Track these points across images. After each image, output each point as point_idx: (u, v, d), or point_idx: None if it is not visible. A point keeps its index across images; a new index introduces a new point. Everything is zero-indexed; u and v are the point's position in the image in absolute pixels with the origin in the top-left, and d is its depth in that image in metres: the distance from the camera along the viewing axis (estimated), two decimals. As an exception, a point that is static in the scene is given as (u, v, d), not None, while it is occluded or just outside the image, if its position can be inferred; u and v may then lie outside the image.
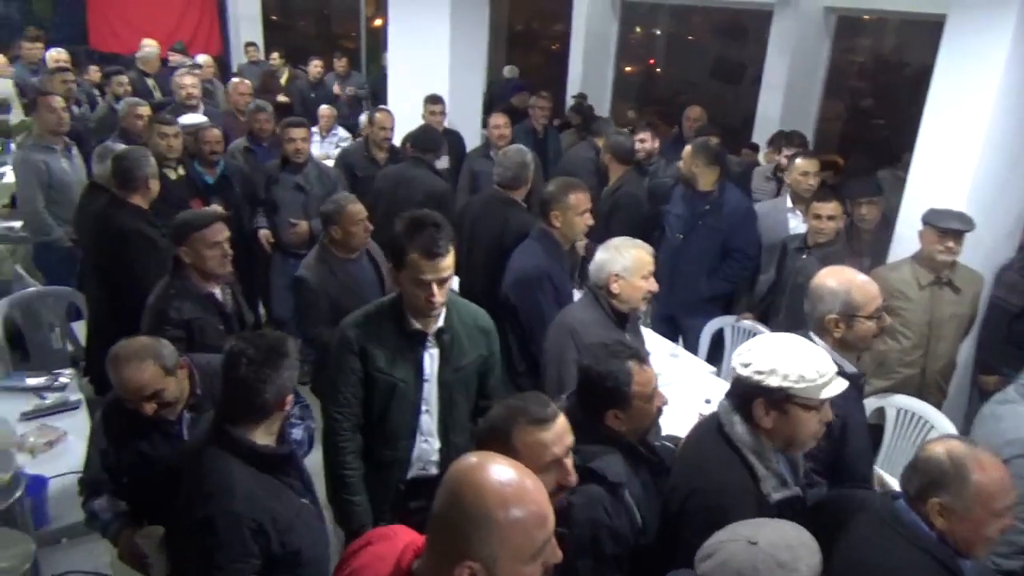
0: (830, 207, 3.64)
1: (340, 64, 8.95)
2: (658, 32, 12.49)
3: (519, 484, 1.22)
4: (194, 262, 2.83)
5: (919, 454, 1.79)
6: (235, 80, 6.46)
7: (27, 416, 3.05)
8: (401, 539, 1.43)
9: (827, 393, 1.85)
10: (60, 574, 2.23)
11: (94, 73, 7.52)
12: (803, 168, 4.14)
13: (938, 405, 3.36)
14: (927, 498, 1.72)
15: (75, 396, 3.23)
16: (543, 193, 3.25)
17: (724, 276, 4.12)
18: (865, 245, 3.98)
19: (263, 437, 1.92)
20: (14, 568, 1.74)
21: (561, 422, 1.72)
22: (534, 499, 1.22)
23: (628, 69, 11.75)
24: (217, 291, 2.95)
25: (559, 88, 10.34)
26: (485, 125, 5.69)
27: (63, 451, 2.87)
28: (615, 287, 2.69)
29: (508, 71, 9.34)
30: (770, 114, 7.32)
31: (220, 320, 2.89)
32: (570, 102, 9.62)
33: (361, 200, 4.83)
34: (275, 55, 8.84)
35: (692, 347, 4.17)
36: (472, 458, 1.28)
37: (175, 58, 8.21)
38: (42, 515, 2.47)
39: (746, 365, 1.87)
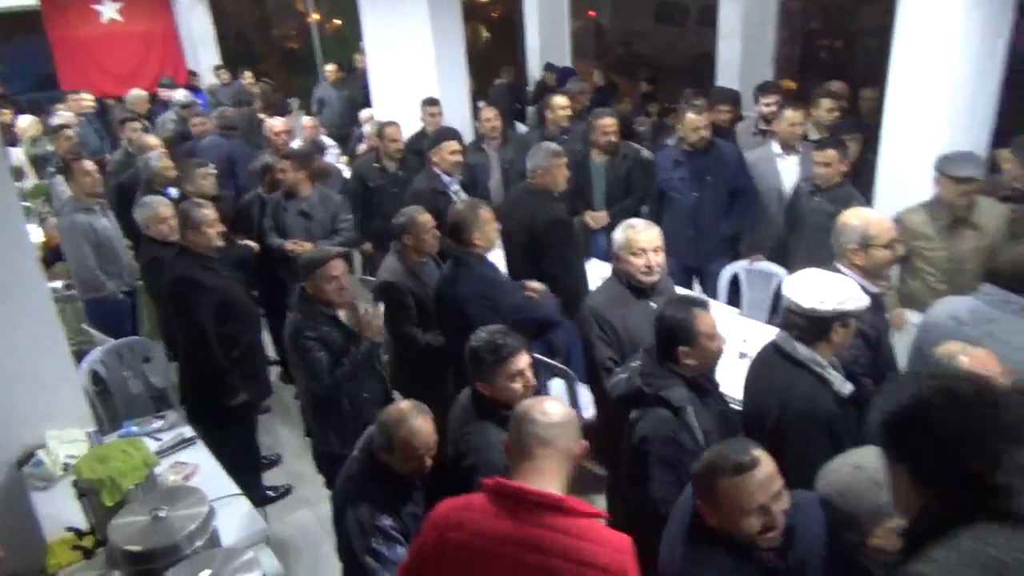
0: (827, 155, 4.03)
1: (332, 71, 8.93)
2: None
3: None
4: (316, 293, 3.26)
5: None
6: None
7: (157, 455, 3.39)
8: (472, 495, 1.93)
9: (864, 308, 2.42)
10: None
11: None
12: (792, 119, 4.54)
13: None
14: None
15: (188, 432, 3.59)
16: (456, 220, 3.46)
17: (738, 215, 4.61)
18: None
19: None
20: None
21: (763, 469, 1.79)
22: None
23: (576, 24, 11.92)
24: (341, 313, 3.35)
25: (519, 56, 10.54)
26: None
27: (201, 483, 3.20)
28: (618, 265, 3.14)
29: (504, 76, 9.57)
30: (730, 60, 7.68)
31: (346, 338, 3.30)
32: (534, 72, 9.87)
33: (375, 208, 5.25)
34: (247, 74, 8.96)
35: (710, 293, 4.64)
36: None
37: (165, 93, 8.37)
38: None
39: (824, 301, 2.34)
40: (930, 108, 4.02)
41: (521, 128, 7.25)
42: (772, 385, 2.50)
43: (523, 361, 2.51)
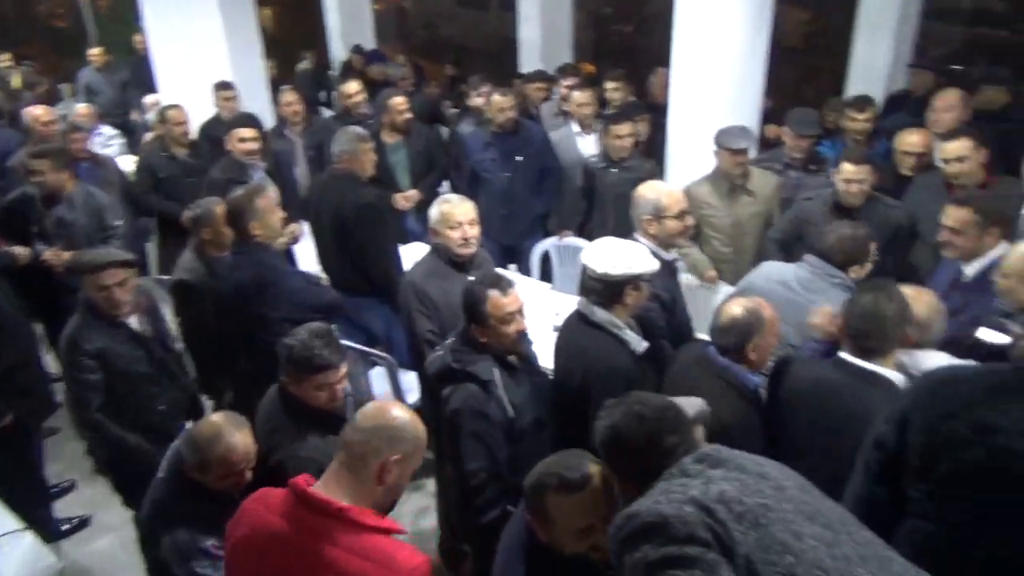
0: (625, 128, 4.30)
1: (97, 55, 8.03)
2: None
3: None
4: (92, 299, 2.94)
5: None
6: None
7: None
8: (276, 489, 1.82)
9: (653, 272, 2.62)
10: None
11: None
12: (579, 100, 4.82)
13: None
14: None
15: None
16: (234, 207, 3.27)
17: (548, 193, 4.80)
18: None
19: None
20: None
21: (592, 489, 1.75)
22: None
23: (377, 7, 11.72)
24: (132, 320, 3.03)
25: (321, 39, 10.16)
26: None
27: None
28: (435, 240, 3.19)
29: (305, 63, 9.12)
30: (532, 44, 7.90)
31: (137, 347, 3.01)
32: (338, 55, 9.56)
33: (172, 201, 4.84)
34: (5, 56, 7.87)
35: (524, 270, 4.77)
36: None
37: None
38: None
39: (615, 266, 2.51)
40: (709, 88, 4.34)
41: (328, 113, 7.02)
42: (575, 348, 2.65)
43: (335, 376, 2.42)
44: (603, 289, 2.55)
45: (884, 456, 1.79)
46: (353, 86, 5.48)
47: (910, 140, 3.91)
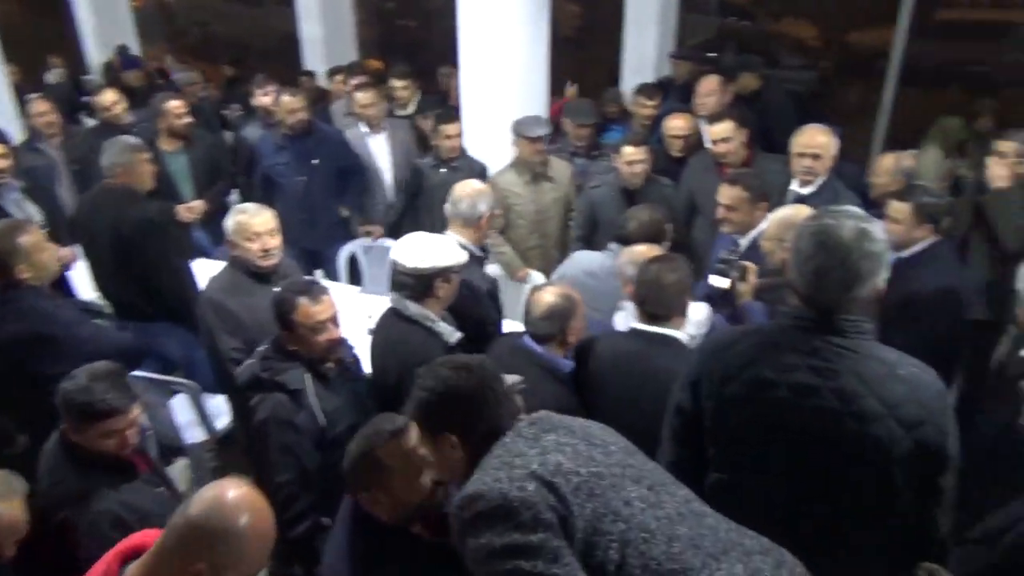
0: (454, 128, 4.31)
1: None
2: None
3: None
4: None
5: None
6: None
7: None
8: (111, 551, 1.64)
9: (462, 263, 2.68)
10: None
11: None
12: (363, 101, 4.68)
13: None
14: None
15: None
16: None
17: (353, 194, 4.68)
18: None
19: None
20: None
21: (414, 429, 1.81)
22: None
23: (135, 4, 10.72)
24: None
25: (75, 40, 9.11)
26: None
27: None
28: (234, 252, 3.05)
29: (56, 76, 8.07)
30: (314, 40, 7.64)
31: None
32: (95, 56, 8.65)
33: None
34: None
35: (332, 275, 4.62)
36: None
37: None
38: None
39: (425, 260, 2.55)
40: (497, 80, 4.38)
41: (91, 122, 6.33)
42: (389, 344, 2.67)
43: (124, 421, 2.16)
44: (414, 283, 2.59)
45: (684, 420, 1.93)
46: (109, 96, 4.95)
47: (674, 124, 4.27)
